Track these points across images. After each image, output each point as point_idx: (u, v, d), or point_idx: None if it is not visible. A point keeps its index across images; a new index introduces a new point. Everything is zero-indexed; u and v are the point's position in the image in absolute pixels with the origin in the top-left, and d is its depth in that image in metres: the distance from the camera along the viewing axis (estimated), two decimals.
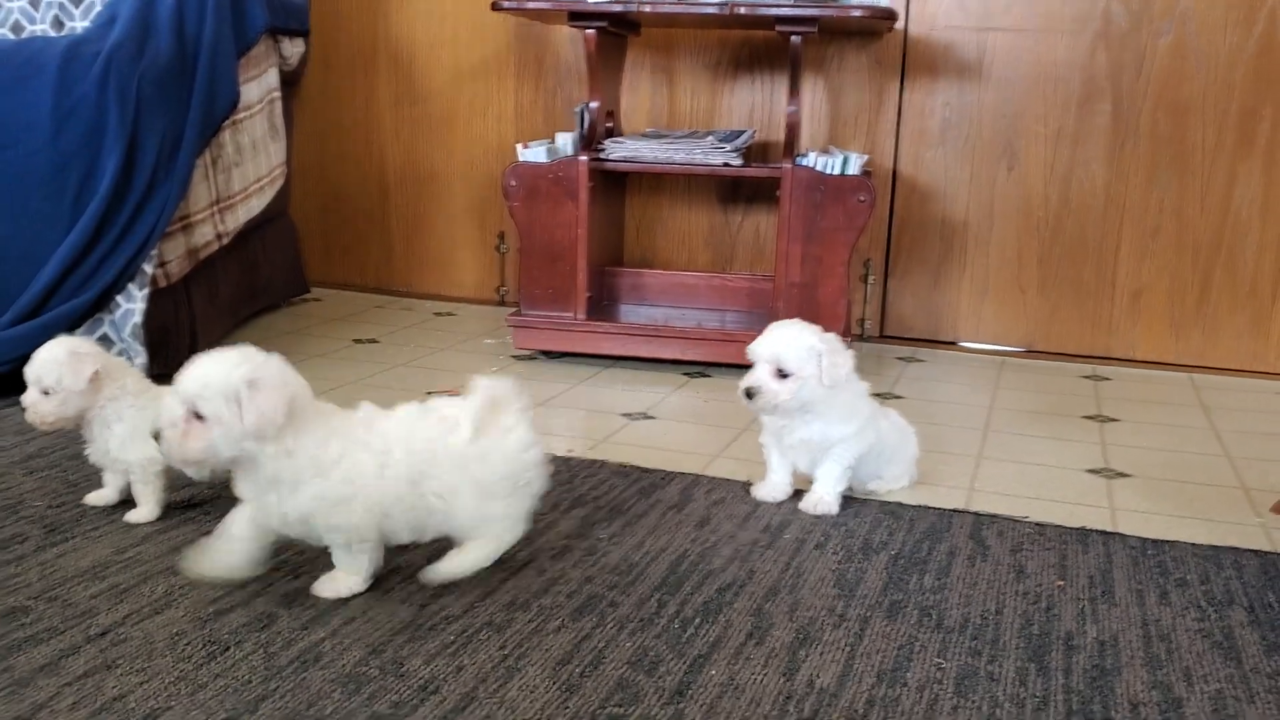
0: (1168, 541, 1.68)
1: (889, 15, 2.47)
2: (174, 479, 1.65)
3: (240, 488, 1.38)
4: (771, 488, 1.79)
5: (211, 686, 1.18)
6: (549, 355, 2.70)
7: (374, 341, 2.81)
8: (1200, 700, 1.22)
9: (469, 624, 1.34)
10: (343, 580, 1.40)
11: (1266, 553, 1.64)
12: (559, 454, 1.98)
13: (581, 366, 2.63)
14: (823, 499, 1.74)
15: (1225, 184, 2.76)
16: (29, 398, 1.58)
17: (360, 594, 1.40)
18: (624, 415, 2.27)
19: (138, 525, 1.62)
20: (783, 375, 1.67)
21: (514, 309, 2.71)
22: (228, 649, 1.26)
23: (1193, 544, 1.67)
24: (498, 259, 3.31)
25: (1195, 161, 2.76)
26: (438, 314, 3.17)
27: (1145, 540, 1.68)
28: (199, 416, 1.30)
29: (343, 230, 3.45)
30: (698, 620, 1.37)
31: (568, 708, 1.16)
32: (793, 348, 1.67)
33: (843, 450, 1.72)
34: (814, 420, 1.71)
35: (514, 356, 2.71)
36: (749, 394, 1.69)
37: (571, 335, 2.63)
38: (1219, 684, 1.26)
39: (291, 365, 1.39)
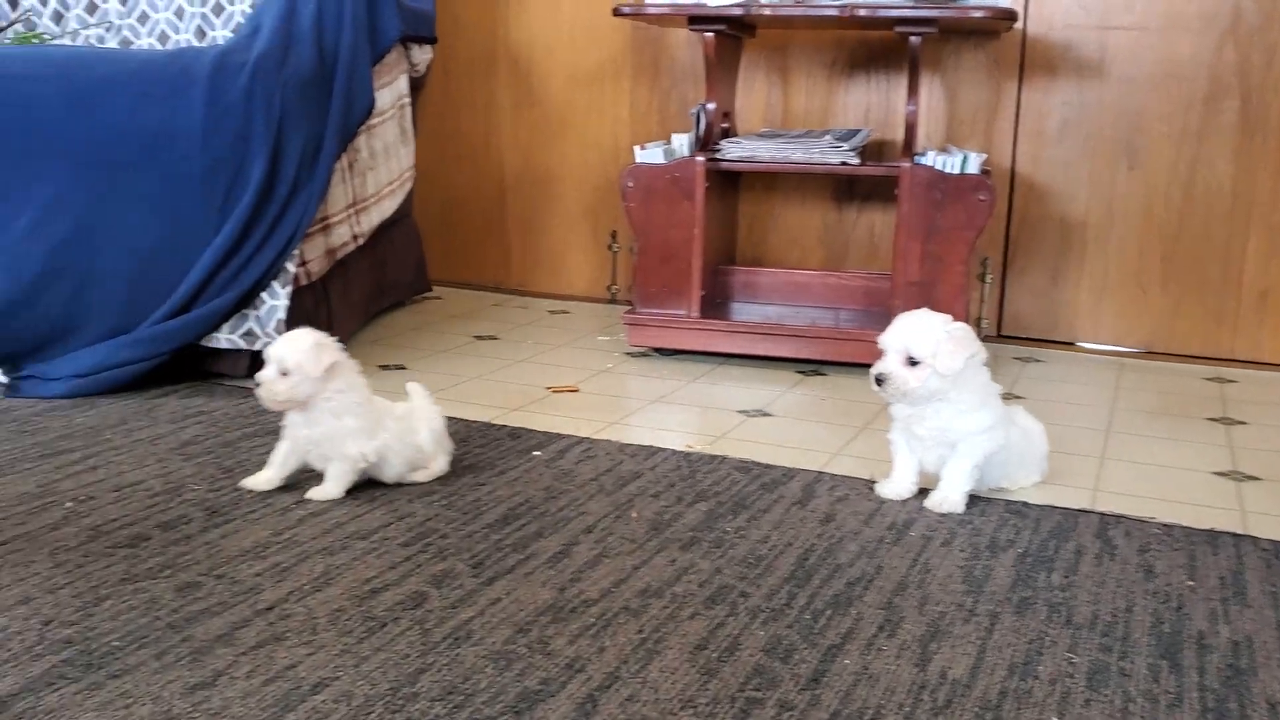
0: None
1: (1009, 16, 2.46)
2: (364, 471, 1.78)
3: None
4: (897, 485, 1.81)
5: (373, 659, 1.26)
6: (661, 352, 2.75)
7: (494, 338, 2.90)
8: None
9: (607, 608, 1.40)
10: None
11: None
12: (678, 449, 2.03)
13: (695, 364, 2.68)
14: (949, 498, 1.76)
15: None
16: (266, 375, 1.71)
17: (504, 577, 1.48)
18: (740, 412, 2.31)
19: (310, 503, 1.73)
20: (913, 363, 1.71)
21: (627, 307, 2.77)
22: (385, 625, 1.34)
23: None
24: (610, 258, 3.38)
25: None
26: (552, 311, 3.26)
27: (1277, 543, 1.67)
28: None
29: (462, 231, 3.56)
30: (828, 612, 1.41)
31: (708, 690, 1.21)
32: (922, 336, 1.71)
33: (971, 447, 1.74)
34: (944, 408, 1.73)
35: (627, 353, 2.77)
36: (879, 380, 1.73)
37: (685, 333, 2.68)
38: None
39: (420, 359, 1.46)
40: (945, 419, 1.74)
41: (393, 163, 2.78)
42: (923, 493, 1.81)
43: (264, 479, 1.79)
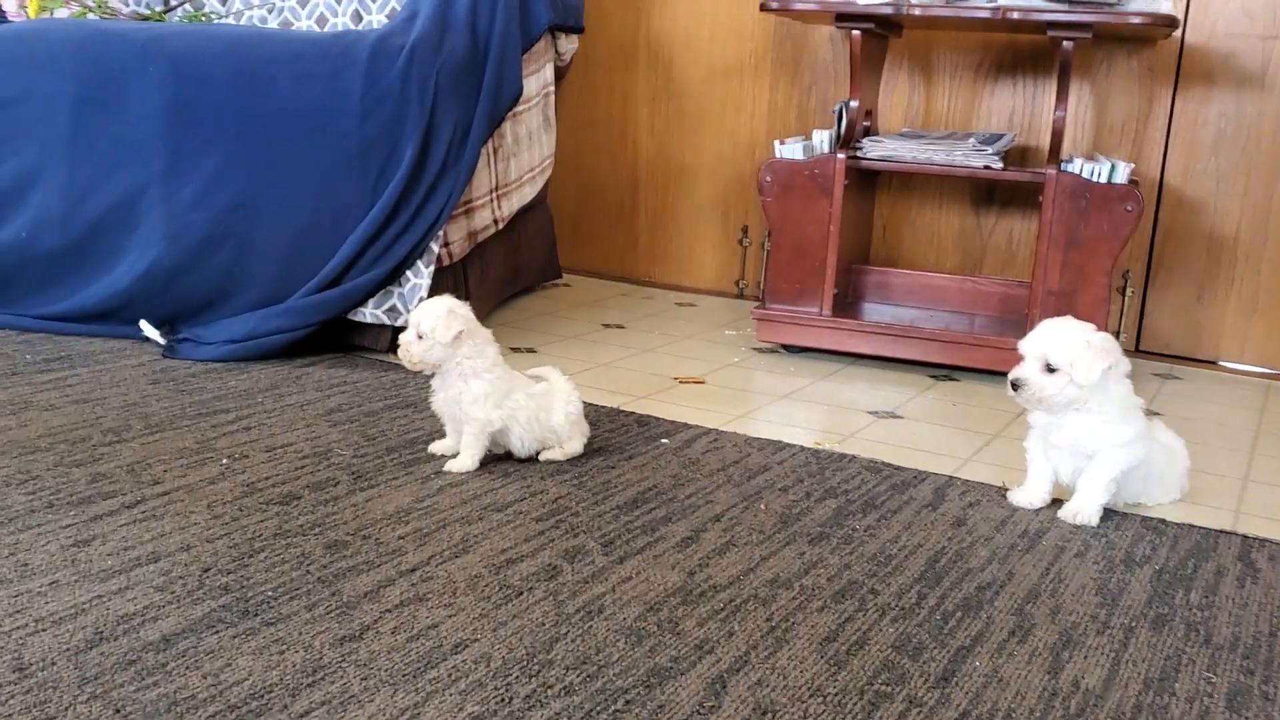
0: None
1: (1170, 23, 2.39)
2: (496, 442, 1.85)
3: None
4: (1030, 494, 1.79)
5: (510, 625, 1.31)
6: (790, 349, 2.76)
7: (621, 327, 2.94)
8: None
9: (735, 594, 1.42)
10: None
11: None
12: (806, 445, 2.04)
13: (823, 362, 2.68)
14: (1083, 509, 1.73)
15: None
16: (406, 337, 1.81)
17: (634, 557, 1.51)
18: (870, 413, 2.30)
19: (448, 474, 1.79)
20: (1051, 370, 1.69)
21: (754, 302, 2.78)
22: (521, 594, 1.39)
23: None
24: (739, 252, 3.40)
25: None
26: (679, 304, 3.28)
27: None
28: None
29: (593, 219, 3.62)
30: (958, 614, 1.40)
31: (836, 681, 1.22)
32: (1061, 342, 1.68)
33: (1109, 459, 1.71)
34: (1083, 418, 1.71)
35: (754, 349, 2.78)
36: (1015, 385, 1.71)
37: (816, 330, 2.68)
38: None
39: (550, 343, 1.50)
40: (1083, 429, 1.71)
41: (535, 149, 2.85)
42: (1056, 503, 1.78)
43: (449, 444, 1.89)
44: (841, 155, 2.60)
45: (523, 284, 3.18)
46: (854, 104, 2.68)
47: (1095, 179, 2.43)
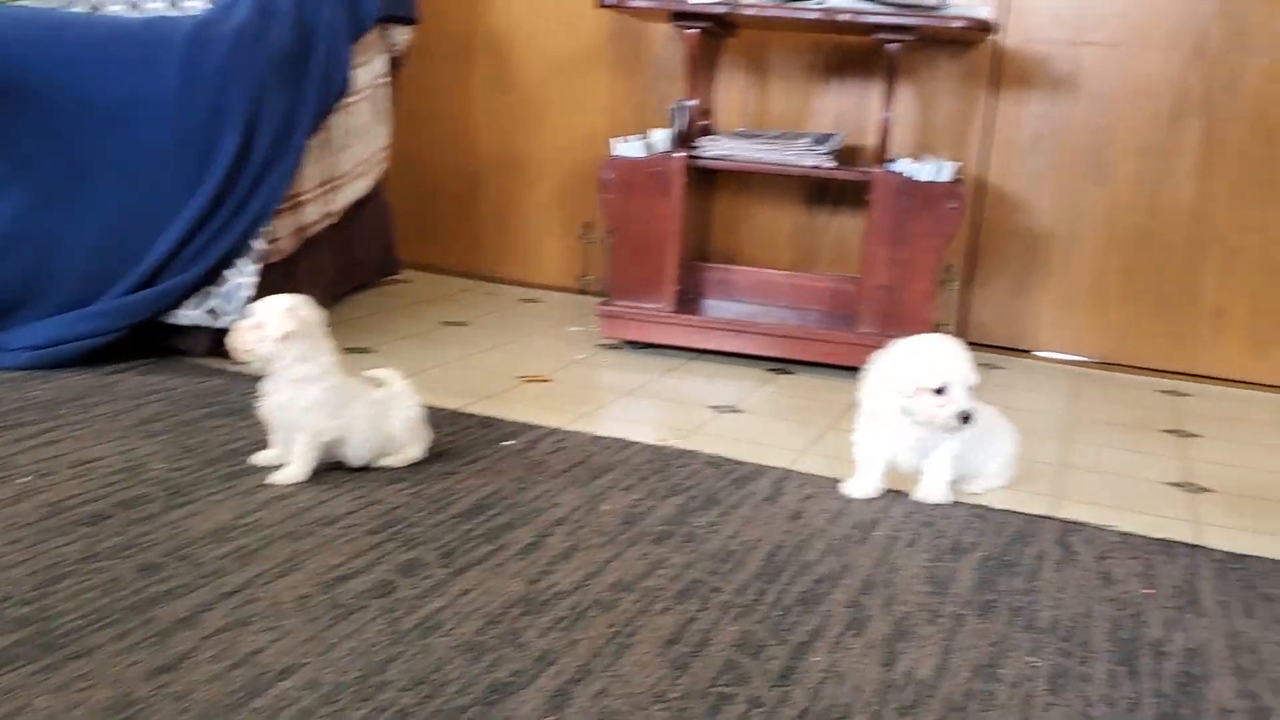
0: (1254, 556, 1.70)
1: (987, 28, 2.49)
2: (330, 451, 1.77)
3: None
4: (864, 485, 1.83)
5: (341, 647, 1.25)
6: (634, 345, 2.76)
7: (463, 324, 2.88)
8: None
9: (579, 601, 1.40)
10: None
11: None
12: (650, 442, 2.04)
13: (666, 358, 2.69)
14: (937, 489, 1.82)
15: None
16: (240, 322, 1.74)
17: (474, 568, 1.47)
18: (711, 408, 2.32)
19: (275, 486, 1.71)
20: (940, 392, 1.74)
21: (598, 298, 2.76)
22: (353, 613, 1.33)
23: (1276, 560, 1.69)
24: (582, 248, 3.38)
25: None
26: (523, 300, 3.24)
27: (1230, 554, 1.70)
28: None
29: (433, 214, 3.54)
30: (797, 609, 1.42)
31: (679, 685, 1.22)
32: (968, 360, 1.77)
33: (949, 444, 1.81)
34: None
35: (599, 345, 2.77)
36: (965, 419, 1.74)
37: (659, 327, 2.68)
38: None
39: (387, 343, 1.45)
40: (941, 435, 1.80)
41: (367, 142, 2.76)
42: (890, 493, 1.83)
43: (272, 454, 1.79)
44: (680, 154, 2.61)
45: (359, 281, 3.08)
46: (691, 103, 2.69)
47: (921, 178, 2.51)
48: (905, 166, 2.54)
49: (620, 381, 2.48)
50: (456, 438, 1.99)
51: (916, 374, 1.73)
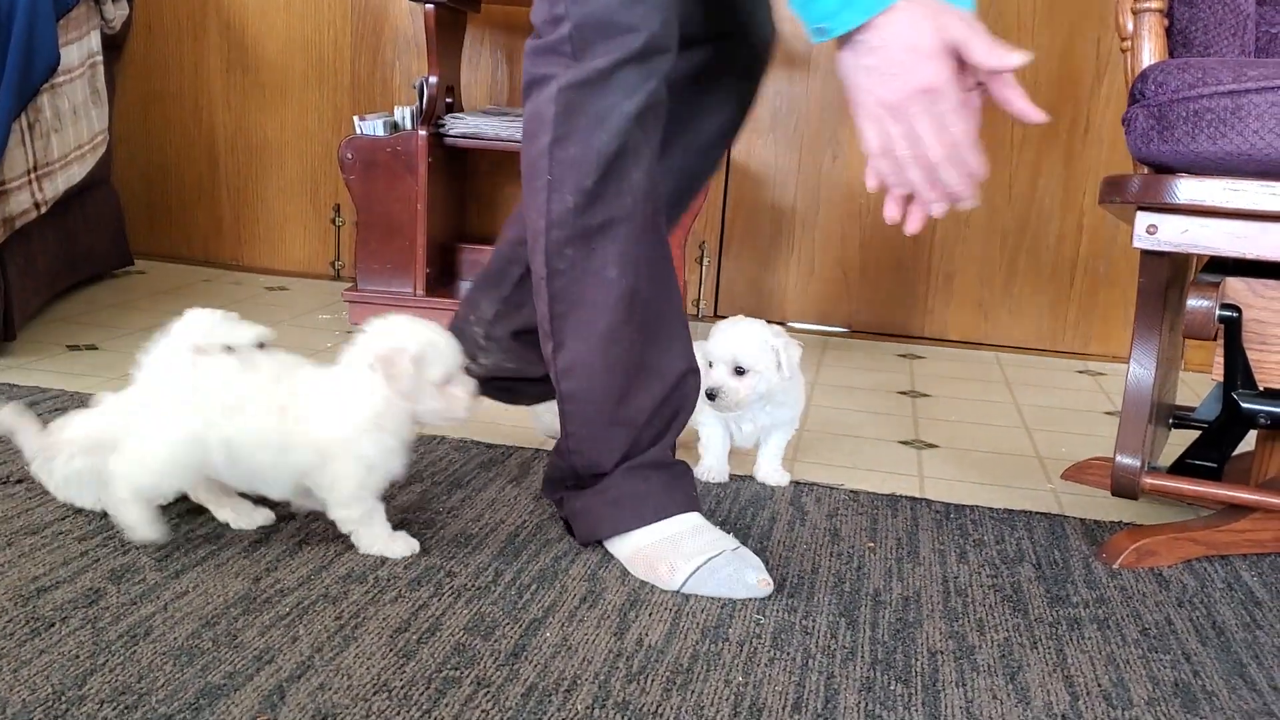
0: (969, 506, 1.82)
1: None
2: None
3: None
4: (712, 470, 1.86)
5: (36, 663, 1.16)
6: None
7: None
8: (990, 648, 1.35)
9: (304, 596, 1.35)
10: None
11: (1055, 515, 1.80)
12: None
13: None
14: (779, 470, 1.87)
15: (1030, 176, 2.96)
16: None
17: (193, 569, 1.40)
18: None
19: None
20: (739, 372, 1.75)
21: (350, 284, 2.68)
22: (53, 625, 1.24)
23: (990, 508, 1.82)
24: (333, 233, 3.27)
25: (1004, 154, 2.96)
26: (269, 288, 3.11)
27: (949, 505, 1.82)
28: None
29: (169, 201, 3.34)
30: (534, 587, 1.42)
31: (404, 673, 1.19)
32: (750, 344, 1.75)
33: (789, 427, 1.88)
34: (766, 406, 1.83)
35: (349, 332, 2.69)
36: (711, 395, 1.74)
37: (410, 311, 2.61)
38: (1007, 633, 1.39)
39: (116, 338, 1.36)
40: (766, 416, 1.85)
41: (83, 125, 2.56)
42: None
43: None
44: (423, 132, 2.55)
45: (86, 273, 2.87)
46: (433, 80, 2.64)
47: None
48: None
49: None
50: None
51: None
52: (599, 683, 1.20)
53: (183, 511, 1.57)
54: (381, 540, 1.47)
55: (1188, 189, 1.46)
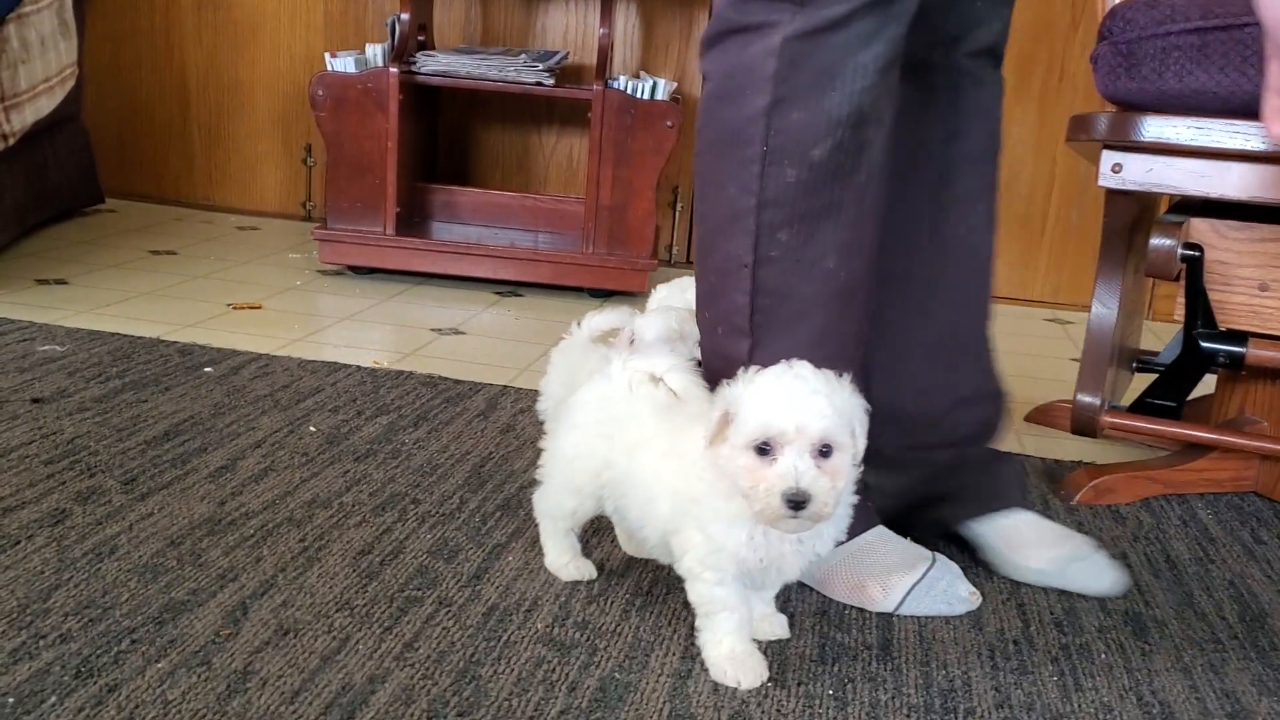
0: None
1: None
2: None
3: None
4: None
5: (0, 579, 1.17)
6: (356, 271, 2.68)
7: (172, 254, 2.72)
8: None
9: (269, 519, 1.36)
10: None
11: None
12: (363, 365, 1.99)
13: (390, 283, 2.63)
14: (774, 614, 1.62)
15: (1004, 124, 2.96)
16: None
17: (159, 492, 1.40)
18: (433, 330, 2.29)
19: None
20: (824, 453, 1.02)
21: (320, 223, 2.67)
22: (18, 543, 1.25)
23: None
24: (304, 172, 3.24)
25: None
26: (240, 228, 3.09)
27: None
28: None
29: (140, 139, 3.30)
30: (498, 515, 1.43)
31: (366, 592, 1.21)
32: (831, 403, 1.03)
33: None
34: None
35: (319, 271, 2.68)
36: (797, 504, 1.00)
37: (380, 250, 2.62)
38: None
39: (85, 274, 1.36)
40: None
41: (50, 57, 2.52)
42: None
43: None
44: (394, 69, 2.53)
45: (55, 209, 2.84)
46: (405, 17, 2.61)
47: (638, 96, 2.55)
48: (624, 84, 2.57)
49: (338, 307, 2.41)
50: (151, 366, 1.88)
51: None
52: (559, 603, 1.22)
53: (151, 438, 1.57)
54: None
55: (1153, 127, 1.47)
